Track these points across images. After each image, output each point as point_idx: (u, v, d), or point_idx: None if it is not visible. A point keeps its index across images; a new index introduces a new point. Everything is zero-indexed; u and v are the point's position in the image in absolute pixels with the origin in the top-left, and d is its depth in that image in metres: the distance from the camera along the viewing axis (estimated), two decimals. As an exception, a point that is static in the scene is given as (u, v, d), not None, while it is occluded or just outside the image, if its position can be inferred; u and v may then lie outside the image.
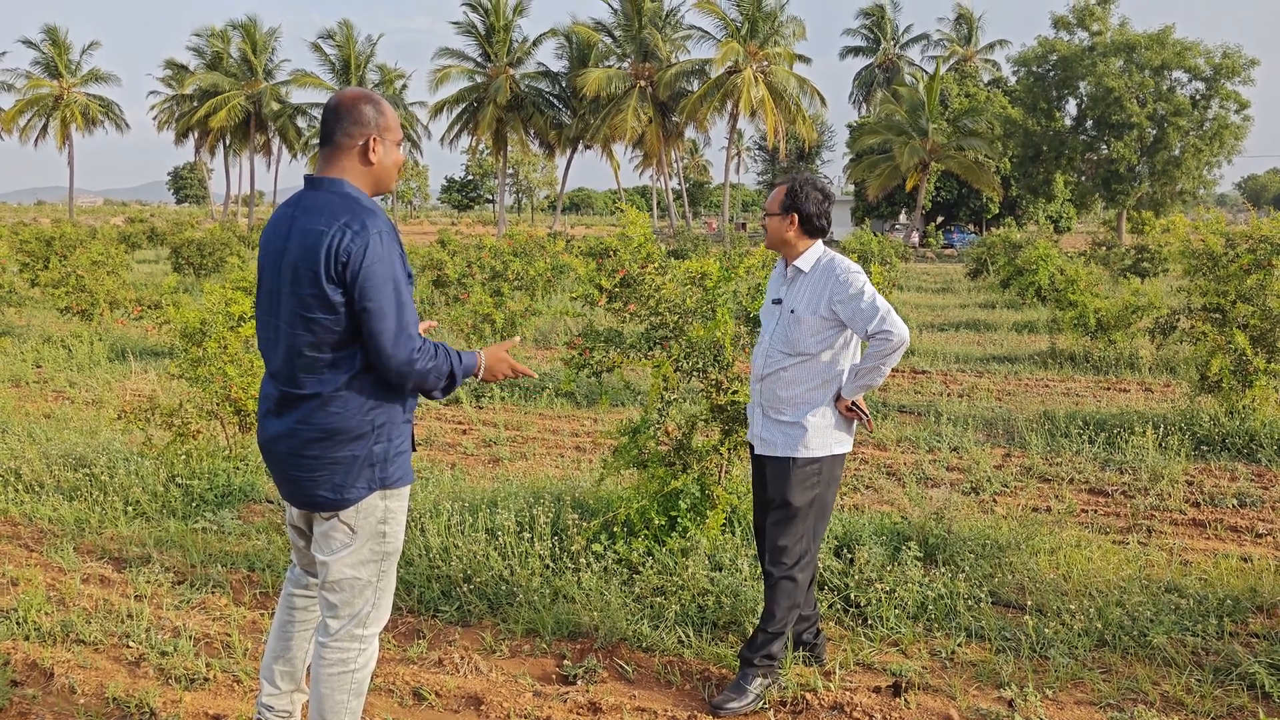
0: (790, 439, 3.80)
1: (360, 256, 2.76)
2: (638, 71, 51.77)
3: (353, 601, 3.03)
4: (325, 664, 3.04)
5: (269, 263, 2.95)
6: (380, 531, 3.00)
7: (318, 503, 2.94)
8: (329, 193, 2.88)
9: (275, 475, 3.02)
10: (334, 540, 2.98)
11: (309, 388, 2.87)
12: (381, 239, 2.81)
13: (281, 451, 2.94)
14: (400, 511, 3.05)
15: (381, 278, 2.80)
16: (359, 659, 3.07)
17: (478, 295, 13.00)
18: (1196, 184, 40.49)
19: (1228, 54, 38.78)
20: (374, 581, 3.04)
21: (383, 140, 2.95)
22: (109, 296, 14.80)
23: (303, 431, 2.89)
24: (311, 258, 2.79)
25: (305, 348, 2.84)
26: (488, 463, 7.69)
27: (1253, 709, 3.77)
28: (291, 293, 2.84)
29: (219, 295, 7.08)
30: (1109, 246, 26.76)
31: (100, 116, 62.94)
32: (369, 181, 2.97)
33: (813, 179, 3.89)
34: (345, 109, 2.91)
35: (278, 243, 2.91)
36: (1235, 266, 8.47)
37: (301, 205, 2.90)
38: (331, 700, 3.05)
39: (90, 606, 4.72)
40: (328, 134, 2.93)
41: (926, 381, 11.30)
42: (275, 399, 2.95)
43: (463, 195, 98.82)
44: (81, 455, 7.03)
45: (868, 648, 4.31)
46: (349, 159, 2.93)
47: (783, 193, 3.87)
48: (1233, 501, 6.51)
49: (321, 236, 2.79)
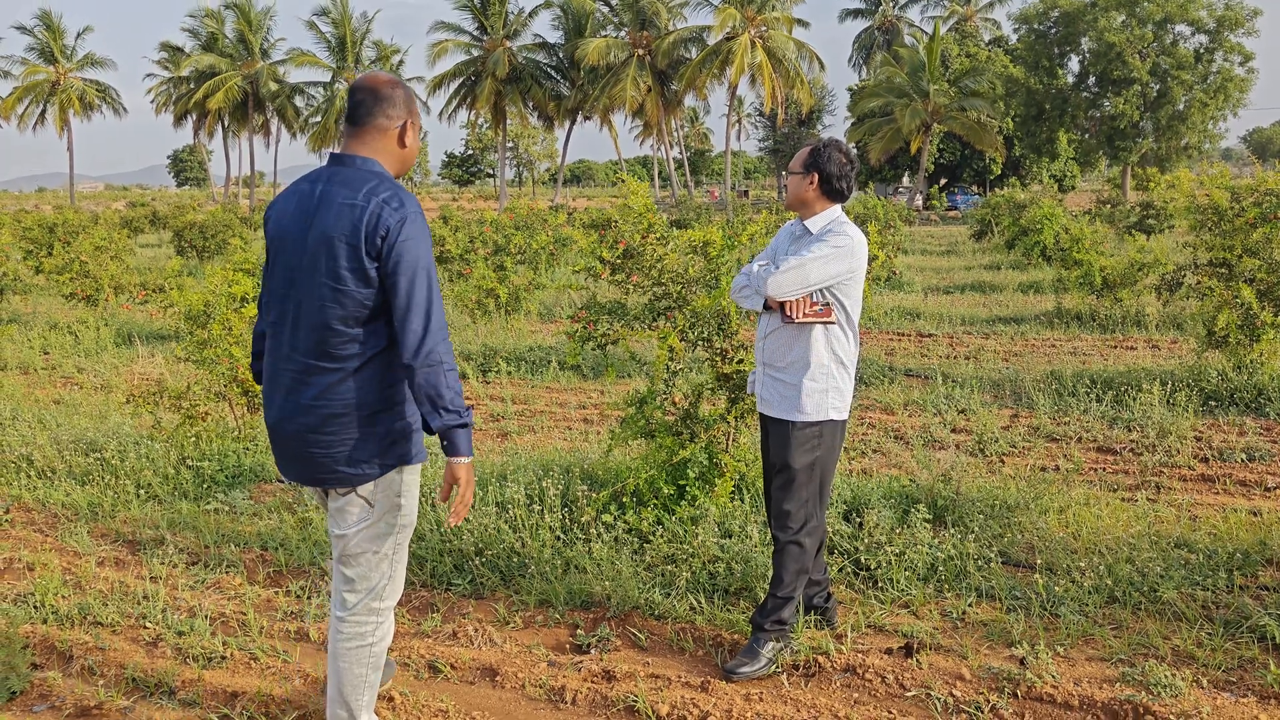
0: (787, 400, 3.80)
1: (398, 232, 2.79)
2: (635, 40, 51.40)
3: (369, 575, 3.08)
4: (343, 639, 3.10)
5: (289, 238, 2.93)
6: (396, 505, 3.04)
7: (336, 479, 2.95)
8: (363, 170, 2.90)
9: (286, 454, 3.00)
10: (350, 514, 3.02)
11: (334, 362, 2.87)
12: (418, 219, 2.86)
13: (297, 429, 2.93)
14: (414, 485, 3.08)
15: (417, 255, 2.82)
16: (376, 632, 3.12)
17: (480, 270, 13.01)
18: (1201, 138, 40.22)
19: (1230, 5, 38.37)
20: (389, 555, 3.09)
21: (414, 126, 3.02)
22: (113, 281, 14.82)
23: (323, 407, 2.88)
24: (349, 230, 2.80)
25: (335, 321, 2.84)
26: (496, 437, 7.71)
27: (1263, 660, 3.79)
28: (323, 267, 2.83)
29: (221, 277, 7.08)
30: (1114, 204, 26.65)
31: (98, 101, 62.74)
32: (397, 164, 3.02)
33: (838, 142, 3.85)
34: (385, 93, 2.95)
35: (301, 218, 2.91)
36: (1241, 221, 8.42)
37: (333, 180, 2.90)
38: (350, 674, 3.11)
39: (106, 589, 4.76)
40: (364, 114, 2.94)
41: (933, 344, 11.29)
42: (291, 374, 2.93)
43: (463, 170, 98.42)
44: (92, 440, 7.06)
45: (879, 610, 4.34)
46: (385, 140, 2.97)
47: (807, 152, 3.84)
48: (1241, 456, 6.51)
49: (360, 211, 2.80)
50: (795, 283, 3.66)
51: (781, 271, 3.65)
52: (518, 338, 11.88)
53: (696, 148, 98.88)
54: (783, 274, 3.65)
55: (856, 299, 3.82)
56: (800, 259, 3.65)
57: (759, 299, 3.77)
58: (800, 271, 3.65)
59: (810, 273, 3.66)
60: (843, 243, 3.71)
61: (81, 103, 61.46)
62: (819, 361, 3.76)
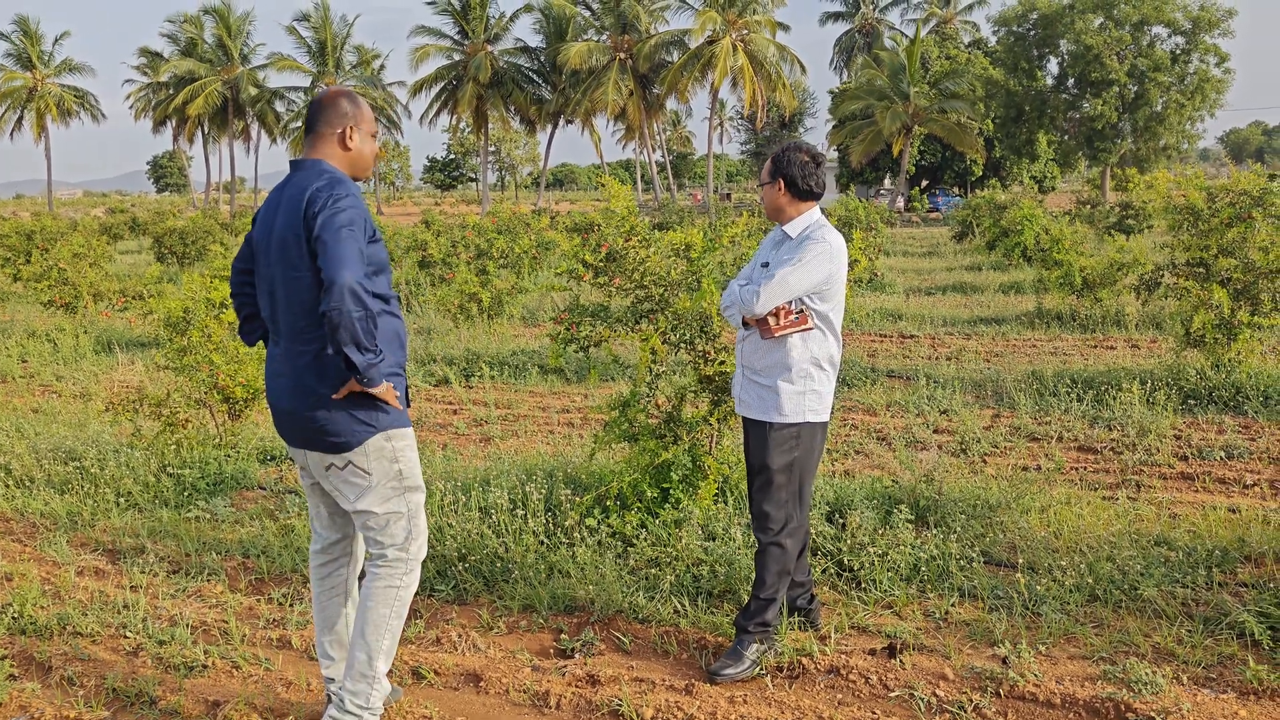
0: (765, 402, 3.83)
1: (323, 203, 3.08)
2: (617, 44, 51.43)
3: (390, 529, 3.34)
4: (375, 579, 3.35)
5: (262, 241, 3.31)
6: (396, 470, 3.31)
7: (328, 445, 3.24)
8: (312, 170, 3.25)
9: (284, 426, 3.34)
10: (355, 485, 3.29)
11: (308, 343, 3.19)
12: (345, 197, 3.12)
13: (289, 405, 3.26)
14: (408, 449, 3.35)
15: (341, 220, 3.06)
16: (405, 579, 3.37)
17: (463, 274, 12.98)
18: (1179, 139, 40.53)
19: (1205, 6, 38.70)
20: (404, 511, 3.36)
21: (358, 130, 3.34)
22: (92, 289, 14.71)
23: (305, 381, 3.21)
24: (295, 220, 3.14)
25: (299, 305, 3.18)
26: (479, 442, 7.70)
27: (1242, 657, 3.82)
28: (281, 258, 3.20)
29: (200, 284, 7.04)
30: (1093, 204, 26.83)
31: (76, 107, 62.32)
32: (345, 165, 3.35)
33: (798, 143, 3.94)
34: (327, 103, 3.34)
35: (268, 221, 3.28)
36: (1216, 220, 8.49)
37: (289, 184, 3.27)
38: (376, 613, 3.32)
39: (86, 599, 4.73)
40: (311, 122, 3.34)
41: (915, 346, 11.33)
42: (279, 356, 3.30)
43: (445, 175, 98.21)
44: (71, 449, 7.01)
45: (862, 611, 4.35)
46: (330, 145, 3.32)
47: (770, 161, 3.94)
48: (1220, 454, 6.56)
49: (300, 202, 3.14)
50: (779, 296, 3.70)
51: (765, 288, 3.69)
52: (500, 342, 11.86)
53: (679, 151, 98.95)
54: (766, 290, 3.69)
55: (839, 302, 3.84)
56: (780, 273, 3.70)
57: (736, 311, 3.84)
58: (782, 285, 3.69)
59: (791, 283, 3.70)
60: (820, 249, 3.73)
61: (59, 109, 61.03)
62: (797, 364, 3.78)
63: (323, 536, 3.53)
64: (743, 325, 3.91)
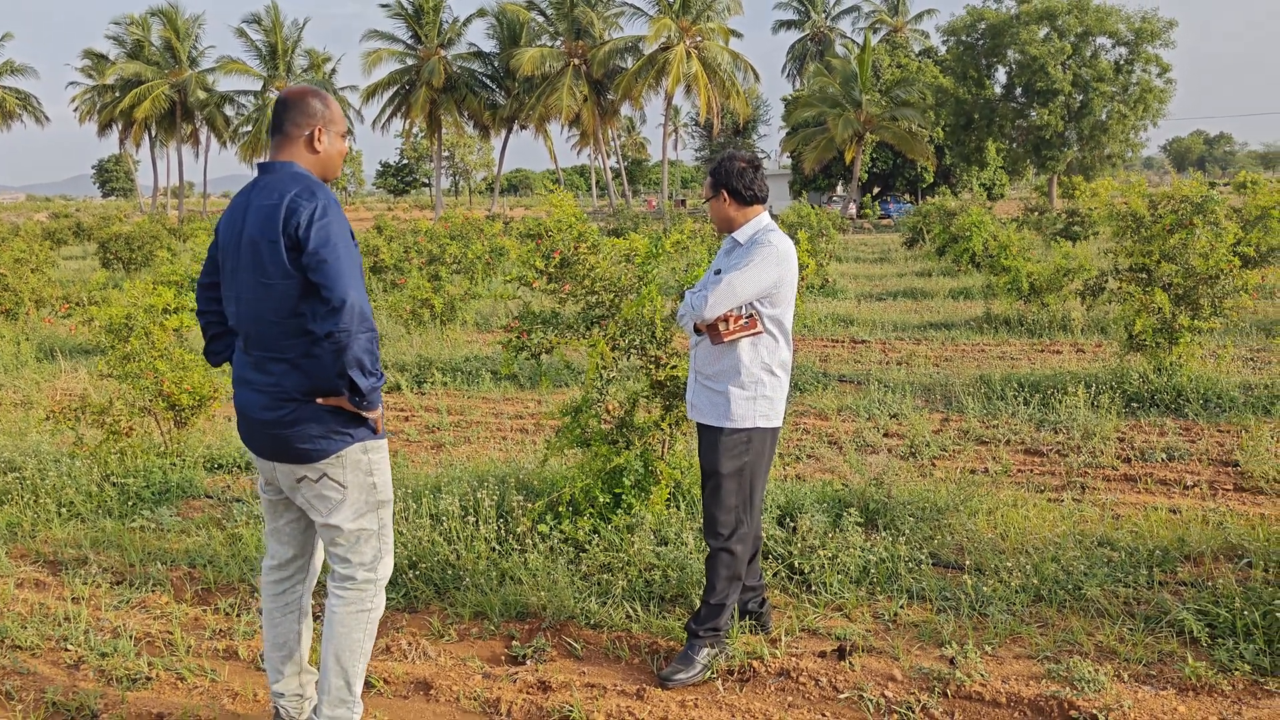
0: (716, 407, 3.85)
1: (309, 215, 2.98)
2: (571, 50, 51.43)
3: (360, 549, 3.27)
4: (344, 603, 3.27)
5: (229, 245, 3.19)
6: (370, 483, 3.24)
7: (300, 455, 3.13)
8: (280, 174, 3.14)
9: (255, 438, 3.21)
10: (328, 499, 3.20)
11: (280, 353, 3.09)
12: (330, 207, 3.04)
13: (260, 417, 3.14)
14: (383, 462, 3.28)
15: (331, 233, 2.98)
16: (373, 600, 3.31)
17: (415, 280, 12.89)
18: (1123, 148, 41.30)
19: (1146, 17, 39.53)
20: (375, 530, 3.29)
21: (328, 131, 3.24)
22: (34, 295, 14.41)
23: (279, 392, 3.10)
24: (269, 229, 3.01)
25: (270, 314, 3.06)
26: (431, 448, 7.64)
27: (1182, 654, 3.90)
28: (253, 266, 3.07)
29: (141, 289, 6.93)
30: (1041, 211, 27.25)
31: (18, 110, 60.96)
32: (315, 167, 3.24)
33: (733, 151, 3.98)
34: (294, 102, 3.21)
35: (236, 225, 3.17)
36: (1159, 227, 8.68)
37: (256, 187, 3.15)
38: (349, 639, 3.27)
39: (25, 611, 4.62)
40: (278, 124, 3.21)
41: (865, 350, 11.44)
42: (250, 365, 3.18)
43: (398, 180, 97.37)
44: (10, 459, 6.85)
45: (812, 614, 4.38)
46: (297, 146, 3.20)
47: (709, 177, 3.98)
48: (1162, 455, 6.70)
49: (276, 209, 3.02)
50: (727, 301, 3.72)
51: (713, 293, 3.71)
52: (453, 348, 11.79)
53: (633, 157, 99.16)
54: (715, 295, 3.71)
55: (788, 306, 3.87)
56: (728, 277, 3.72)
57: (689, 318, 3.86)
58: (729, 289, 3.71)
59: (739, 287, 3.71)
60: (768, 253, 3.76)
61: (1, 111, 59.68)
62: (748, 369, 3.80)
63: (279, 553, 3.42)
64: (695, 332, 3.93)
